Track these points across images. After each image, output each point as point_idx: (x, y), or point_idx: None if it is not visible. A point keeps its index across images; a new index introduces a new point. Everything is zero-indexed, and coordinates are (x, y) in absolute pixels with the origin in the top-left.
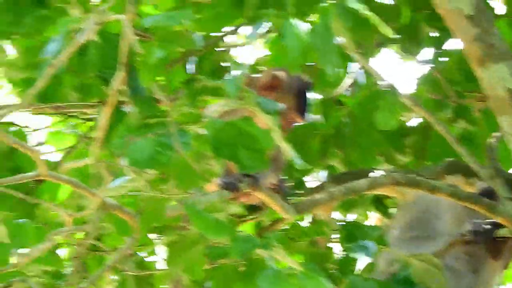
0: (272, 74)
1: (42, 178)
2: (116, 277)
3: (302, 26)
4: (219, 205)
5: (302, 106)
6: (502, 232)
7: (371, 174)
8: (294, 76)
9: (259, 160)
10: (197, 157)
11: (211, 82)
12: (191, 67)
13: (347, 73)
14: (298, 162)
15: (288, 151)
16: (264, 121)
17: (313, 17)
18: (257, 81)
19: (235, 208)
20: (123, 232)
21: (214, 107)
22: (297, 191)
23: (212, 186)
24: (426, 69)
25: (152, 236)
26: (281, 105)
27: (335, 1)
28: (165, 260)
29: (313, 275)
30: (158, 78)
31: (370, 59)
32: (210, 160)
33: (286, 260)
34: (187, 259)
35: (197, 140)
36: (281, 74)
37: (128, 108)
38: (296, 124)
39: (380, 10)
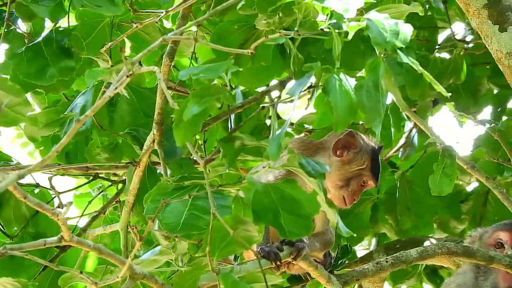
0: (349, 131)
1: (65, 244)
2: None
3: (349, 82)
4: (257, 275)
5: (376, 169)
6: None
7: (424, 243)
8: (367, 138)
9: (303, 226)
10: (235, 222)
11: (251, 141)
12: (230, 125)
13: (402, 133)
14: (344, 230)
15: (333, 216)
16: (310, 184)
17: (362, 73)
18: (325, 142)
19: (275, 279)
20: None
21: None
22: (344, 260)
23: (251, 254)
24: (484, 129)
25: None
26: (328, 168)
27: (384, 56)
28: None
29: None
30: (196, 137)
31: (425, 118)
32: (249, 225)
33: None
34: None
35: (236, 204)
36: (357, 133)
37: (161, 170)
38: (369, 188)
39: (437, 65)
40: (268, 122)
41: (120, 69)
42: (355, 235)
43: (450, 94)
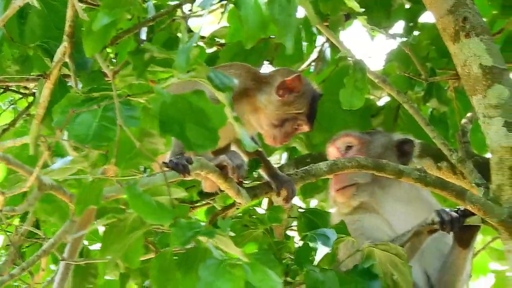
0: (297, 75)
1: None
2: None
3: None
4: (162, 187)
5: (312, 115)
6: (471, 220)
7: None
8: (309, 83)
9: (209, 138)
10: (142, 134)
11: (160, 52)
12: (142, 39)
13: (314, 47)
14: (248, 145)
15: (239, 129)
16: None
17: None
18: (271, 78)
19: (179, 192)
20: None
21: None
22: (254, 173)
23: (159, 167)
24: (396, 44)
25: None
26: (236, 81)
27: None
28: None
29: (259, 266)
30: (107, 51)
31: (337, 33)
32: (155, 137)
33: (232, 250)
34: (123, 246)
35: (144, 114)
36: (303, 77)
37: (71, 82)
38: (302, 132)
39: None
40: (179, 36)
41: None
42: (260, 149)
43: (363, 9)
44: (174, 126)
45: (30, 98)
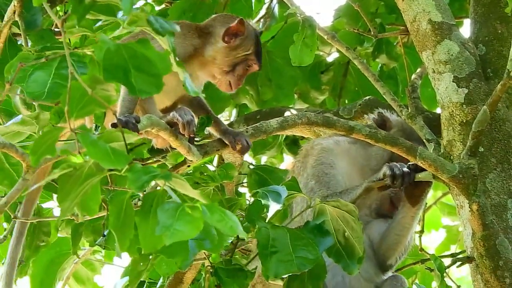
0: (240, 19)
1: None
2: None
3: None
4: (115, 134)
5: (260, 53)
6: (422, 176)
7: (285, 114)
8: (249, 23)
9: (153, 84)
10: (93, 82)
11: None
12: None
13: (263, 3)
14: (191, 89)
15: (182, 75)
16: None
17: None
18: (211, 27)
19: (132, 137)
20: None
21: None
22: (204, 130)
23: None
24: (345, 0)
25: None
26: (177, 27)
27: None
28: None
29: (217, 207)
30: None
31: None
32: (107, 84)
33: (189, 192)
34: (81, 194)
35: (92, 66)
36: (246, 20)
37: (22, 41)
38: (252, 71)
39: None
40: None
41: None
42: (203, 95)
43: None
44: (118, 73)
45: None
